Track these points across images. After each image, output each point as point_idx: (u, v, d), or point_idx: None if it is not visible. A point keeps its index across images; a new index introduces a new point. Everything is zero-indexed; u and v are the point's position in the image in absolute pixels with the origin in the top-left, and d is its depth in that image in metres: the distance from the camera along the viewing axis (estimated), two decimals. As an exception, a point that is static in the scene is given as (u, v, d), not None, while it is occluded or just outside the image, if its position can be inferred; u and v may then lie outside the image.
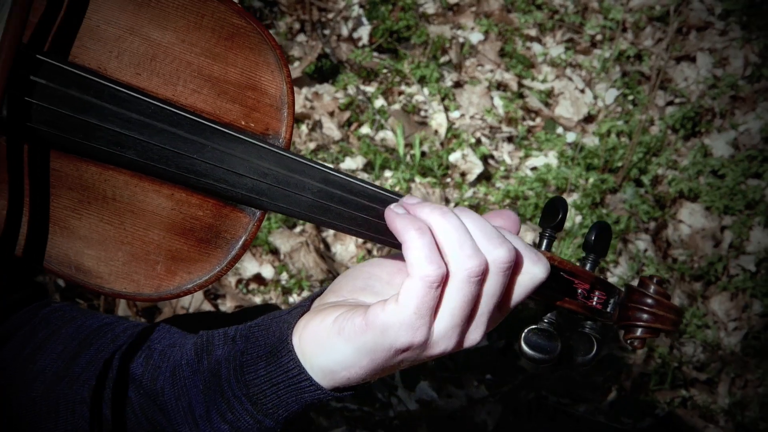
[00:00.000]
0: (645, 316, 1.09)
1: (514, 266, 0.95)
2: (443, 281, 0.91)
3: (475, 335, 0.95)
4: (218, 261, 0.96)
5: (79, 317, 1.14)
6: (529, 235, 3.35)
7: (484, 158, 3.64)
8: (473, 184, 3.56)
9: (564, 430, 2.94)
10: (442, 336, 0.92)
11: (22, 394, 1.10)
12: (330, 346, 0.93)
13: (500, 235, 0.94)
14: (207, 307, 2.91)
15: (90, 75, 0.89)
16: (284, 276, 3.08)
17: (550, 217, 1.07)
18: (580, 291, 1.07)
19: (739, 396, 3.16)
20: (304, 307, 1.00)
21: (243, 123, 0.95)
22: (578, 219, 3.48)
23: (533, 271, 0.96)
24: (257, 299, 3.01)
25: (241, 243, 0.97)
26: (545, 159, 3.70)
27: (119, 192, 0.93)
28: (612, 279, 3.37)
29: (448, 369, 2.96)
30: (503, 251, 0.93)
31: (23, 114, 0.88)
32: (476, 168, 3.57)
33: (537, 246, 1.06)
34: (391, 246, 0.98)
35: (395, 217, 0.94)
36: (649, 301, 1.09)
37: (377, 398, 2.83)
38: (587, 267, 1.09)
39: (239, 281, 3.04)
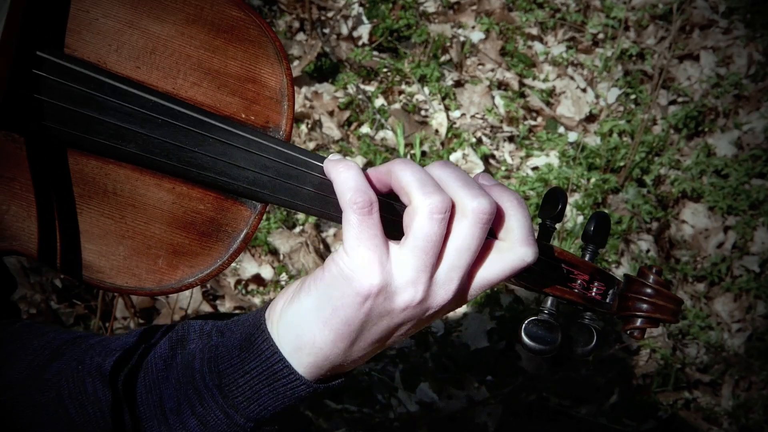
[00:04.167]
0: (644, 306, 1.09)
1: (500, 234, 0.93)
2: (371, 207, 0.89)
3: (444, 291, 0.91)
4: (220, 254, 0.97)
5: (50, 332, 1.13)
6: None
7: (485, 158, 3.62)
8: (474, 183, 3.54)
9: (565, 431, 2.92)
10: (405, 280, 0.89)
11: None
12: (294, 310, 0.92)
13: (480, 187, 0.92)
14: (206, 308, 2.89)
15: (90, 69, 0.90)
16: (284, 276, 3.06)
17: (549, 207, 1.06)
18: (579, 282, 1.07)
19: (743, 398, 3.14)
20: None
21: (243, 116, 0.96)
22: (580, 219, 3.45)
23: (521, 252, 0.93)
24: (256, 300, 2.99)
25: (242, 236, 0.97)
26: (546, 159, 3.68)
27: (120, 186, 0.93)
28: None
29: (449, 370, 2.95)
30: (484, 201, 0.90)
31: (24, 108, 0.88)
32: (477, 168, 3.55)
33: (537, 237, 1.05)
34: (393, 239, 0.97)
35: (331, 165, 0.93)
36: (649, 290, 1.09)
37: (377, 400, 2.81)
38: (587, 257, 1.10)
39: (238, 282, 3.01)
